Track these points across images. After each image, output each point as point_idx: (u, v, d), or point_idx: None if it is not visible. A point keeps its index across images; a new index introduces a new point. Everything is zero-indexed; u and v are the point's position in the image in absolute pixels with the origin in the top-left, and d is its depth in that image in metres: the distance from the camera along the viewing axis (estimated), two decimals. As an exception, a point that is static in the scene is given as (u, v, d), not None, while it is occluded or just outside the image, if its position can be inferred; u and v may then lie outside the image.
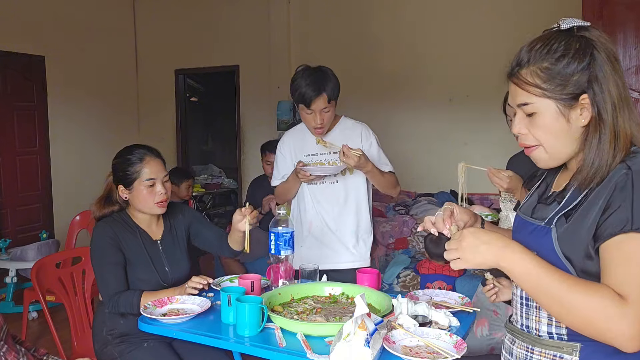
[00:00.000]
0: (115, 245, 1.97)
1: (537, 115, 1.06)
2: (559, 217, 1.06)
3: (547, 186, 1.20)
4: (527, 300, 1.14)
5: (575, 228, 1.02)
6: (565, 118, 1.04)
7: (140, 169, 1.99)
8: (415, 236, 4.50)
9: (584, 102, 1.03)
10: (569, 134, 1.05)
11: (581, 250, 1.01)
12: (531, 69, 1.05)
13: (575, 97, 1.03)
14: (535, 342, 1.11)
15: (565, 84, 1.02)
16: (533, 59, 1.05)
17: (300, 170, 2.30)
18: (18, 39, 5.19)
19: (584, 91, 1.02)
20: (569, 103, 1.03)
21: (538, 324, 1.11)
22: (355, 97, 4.94)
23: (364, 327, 1.31)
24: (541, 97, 1.04)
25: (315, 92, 2.24)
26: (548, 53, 1.03)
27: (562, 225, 1.05)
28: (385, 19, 5.31)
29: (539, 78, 1.04)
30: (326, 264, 2.30)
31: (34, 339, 3.62)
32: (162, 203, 2.03)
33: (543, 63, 1.04)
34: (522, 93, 1.07)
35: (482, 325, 2.08)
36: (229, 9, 6.01)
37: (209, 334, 1.65)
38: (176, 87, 6.50)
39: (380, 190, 2.48)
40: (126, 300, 1.91)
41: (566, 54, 1.02)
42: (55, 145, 5.62)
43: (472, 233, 1.06)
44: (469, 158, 5.43)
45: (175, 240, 2.15)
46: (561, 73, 1.02)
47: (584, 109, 1.03)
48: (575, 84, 1.02)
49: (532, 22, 4.57)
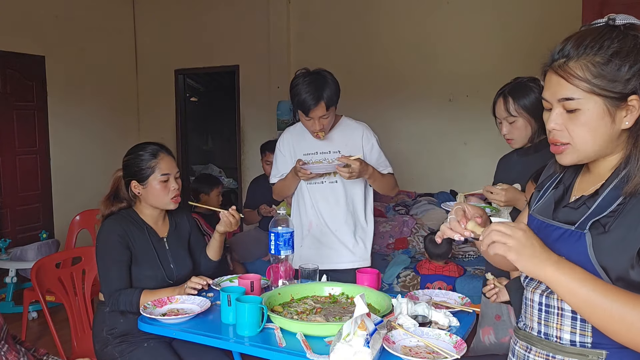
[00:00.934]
0: (122, 242, 1.99)
1: (581, 112, 1.01)
2: (593, 222, 1.01)
3: (565, 189, 1.15)
4: (547, 307, 1.09)
5: (620, 236, 0.97)
6: (611, 117, 1.00)
7: (155, 165, 2.03)
8: (415, 236, 4.50)
9: (631, 104, 0.99)
10: (609, 134, 1.01)
11: (625, 260, 0.97)
12: (582, 62, 0.99)
13: (623, 97, 0.98)
14: (557, 350, 1.06)
15: (617, 81, 0.98)
16: (584, 53, 1.00)
17: (300, 168, 2.30)
18: (18, 39, 5.19)
19: (634, 92, 0.98)
20: (616, 102, 0.99)
21: (560, 331, 1.06)
22: (355, 97, 4.93)
23: (364, 327, 1.31)
24: (589, 93, 0.99)
25: (314, 101, 2.23)
26: (601, 49, 0.99)
27: (598, 231, 1.00)
28: (385, 19, 5.30)
29: (589, 72, 0.99)
30: (326, 264, 2.30)
31: (34, 339, 3.62)
32: (176, 198, 2.07)
33: (595, 57, 0.99)
34: (567, 87, 1.01)
35: (488, 334, 2.08)
36: (229, 9, 6.01)
37: (208, 334, 1.65)
38: (176, 87, 6.50)
39: (380, 192, 2.49)
40: (126, 298, 1.92)
41: (620, 52, 0.97)
42: (55, 145, 5.62)
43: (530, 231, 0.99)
44: (468, 158, 5.44)
45: (180, 239, 2.18)
46: (614, 70, 0.98)
47: (629, 111, 0.99)
48: (626, 84, 0.98)
49: (532, 22, 4.60)
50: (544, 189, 1.21)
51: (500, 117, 2.02)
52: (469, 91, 5.01)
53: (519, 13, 4.73)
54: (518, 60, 4.29)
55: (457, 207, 1.13)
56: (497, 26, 4.84)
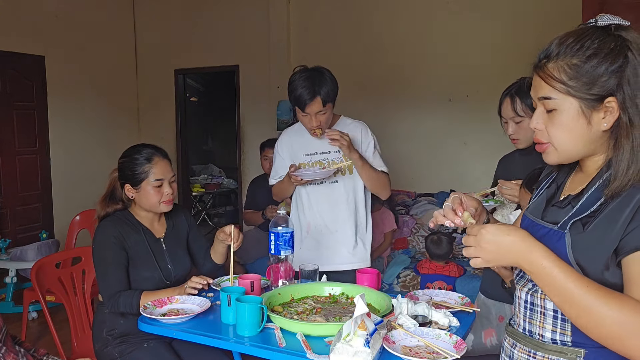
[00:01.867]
0: (118, 244, 1.97)
1: (557, 113, 1.02)
2: (574, 222, 1.02)
3: (557, 188, 1.16)
4: (531, 305, 1.11)
5: (596, 237, 0.98)
6: (587, 119, 1.00)
7: (149, 169, 2.00)
8: (415, 236, 4.51)
9: (609, 105, 0.98)
10: (586, 135, 1.02)
11: (600, 260, 0.97)
12: (559, 63, 1.00)
13: (600, 98, 0.98)
14: (538, 347, 1.08)
15: (593, 83, 0.98)
16: (563, 54, 1.00)
17: (291, 175, 2.29)
18: (18, 39, 5.19)
19: (611, 94, 0.98)
20: (592, 104, 0.99)
21: (542, 329, 1.08)
22: (355, 97, 4.93)
23: (364, 327, 1.31)
24: (565, 94, 1.00)
25: (310, 95, 2.23)
26: (580, 49, 0.99)
27: (577, 231, 1.01)
28: (386, 19, 5.30)
29: (565, 74, 1.00)
30: (325, 265, 2.29)
31: (34, 339, 3.62)
32: (168, 202, 2.05)
33: (572, 59, 0.99)
34: (545, 87, 1.03)
35: (491, 336, 2.07)
36: (229, 9, 6.01)
37: (208, 334, 1.65)
38: (176, 87, 6.50)
39: (370, 187, 2.44)
40: (126, 300, 1.91)
41: (598, 53, 0.97)
42: (55, 145, 5.62)
43: (492, 234, 1.00)
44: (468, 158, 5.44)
45: (178, 239, 2.17)
46: (590, 72, 0.98)
47: (607, 113, 0.99)
48: (603, 86, 0.97)
49: (532, 23, 4.59)
50: (540, 188, 1.22)
51: (506, 117, 2.00)
52: (469, 91, 5.01)
53: (520, 13, 4.73)
54: (518, 60, 4.27)
55: (454, 195, 1.16)
56: (497, 26, 4.84)
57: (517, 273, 1.19)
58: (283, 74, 5.39)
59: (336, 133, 2.23)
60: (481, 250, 1.02)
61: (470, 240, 1.03)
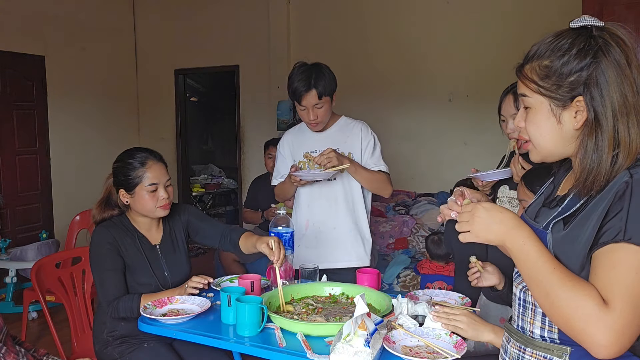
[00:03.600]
0: (114, 250, 1.95)
1: (531, 111, 1.07)
2: (556, 222, 1.05)
3: (553, 189, 1.18)
4: (524, 302, 1.13)
5: (573, 236, 1.00)
6: (556, 118, 1.03)
7: (143, 174, 1.95)
8: (415, 236, 4.50)
9: (578, 105, 1.01)
10: (558, 134, 1.05)
11: (577, 259, 0.99)
12: (533, 64, 1.05)
13: (570, 98, 1.01)
14: (527, 343, 1.10)
15: (561, 83, 1.01)
16: (537, 55, 1.05)
17: (291, 175, 2.29)
18: (18, 39, 5.19)
19: (579, 93, 1.00)
20: (562, 103, 1.02)
21: (532, 326, 1.10)
22: (355, 97, 4.93)
23: (364, 327, 1.31)
24: (536, 94, 1.05)
25: (305, 87, 2.24)
26: (553, 50, 1.02)
27: (558, 231, 1.04)
28: (386, 19, 5.30)
29: (536, 75, 1.04)
30: (324, 264, 2.28)
31: (34, 339, 3.62)
32: (164, 207, 2.00)
33: (544, 61, 1.03)
34: (522, 86, 1.08)
35: None
36: (229, 9, 6.01)
37: (209, 334, 1.65)
38: (176, 87, 6.50)
39: (369, 188, 2.43)
40: (125, 305, 1.90)
41: (567, 53, 1.00)
42: (55, 145, 5.62)
43: (487, 209, 1.05)
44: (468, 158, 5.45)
45: (175, 243, 2.13)
46: (558, 72, 1.01)
47: (578, 112, 1.01)
48: (571, 85, 1.00)
49: (532, 22, 4.59)
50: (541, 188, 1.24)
51: (507, 114, 1.99)
52: (469, 91, 5.02)
53: (520, 13, 4.73)
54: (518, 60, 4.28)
55: (457, 189, 1.18)
56: (497, 26, 4.84)
57: (516, 271, 1.20)
58: (283, 74, 5.37)
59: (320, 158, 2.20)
60: (472, 224, 1.05)
61: (464, 215, 1.08)
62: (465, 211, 1.08)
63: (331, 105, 2.35)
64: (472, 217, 1.06)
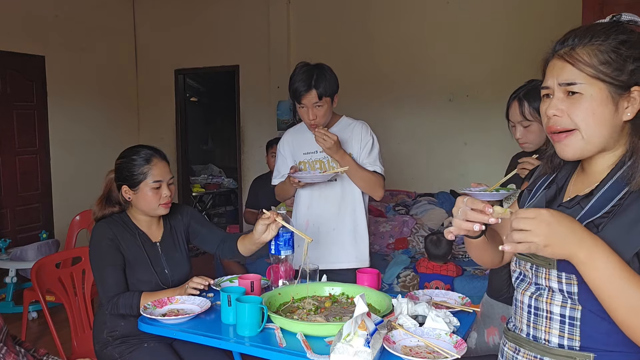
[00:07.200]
0: (114, 246, 1.95)
1: (583, 97, 1.01)
2: (587, 223, 0.99)
3: (559, 189, 1.14)
4: (535, 310, 1.09)
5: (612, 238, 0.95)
6: (614, 105, 1.00)
7: (148, 171, 1.97)
8: (415, 236, 4.51)
9: (634, 95, 0.99)
10: (611, 122, 1.01)
11: None
12: (589, 48, 1.00)
13: (627, 87, 0.99)
14: (545, 352, 1.06)
15: (622, 70, 0.99)
16: (591, 40, 1.01)
17: (290, 176, 2.29)
18: (18, 39, 5.19)
19: (636, 83, 0.99)
20: (620, 91, 0.99)
21: (548, 334, 1.06)
22: (355, 97, 4.93)
23: (364, 327, 1.31)
24: (593, 78, 1.00)
25: (305, 87, 2.24)
26: (608, 38, 1.00)
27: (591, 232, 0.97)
28: (386, 19, 5.30)
29: (596, 58, 1.00)
30: (323, 264, 2.27)
31: (34, 339, 3.62)
32: (166, 204, 2.01)
33: (602, 46, 1.00)
34: (572, 71, 1.01)
35: (493, 335, 2.07)
36: (229, 9, 6.01)
37: (209, 334, 1.65)
38: (176, 87, 6.50)
39: (361, 188, 2.41)
40: (125, 301, 1.90)
41: (627, 42, 0.99)
42: (55, 145, 5.61)
43: (554, 216, 0.92)
44: (468, 158, 5.45)
45: (175, 241, 2.13)
46: (621, 58, 0.99)
47: (631, 103, 1.00)
48: (631, 74, 0.99)
49: (532, 22, 4.60)
50: (535, 189, 1.20)
51: (514, 120, 1.97)
52: (469, 91, 5.02)
53: (520, 13, 4.73)
54: (518, 60, 4.29)
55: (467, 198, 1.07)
56: (497, 26, 4.84)
57: (517, 276, 1.17)
58: (283, 74, 5.39)
59: (322, 132, 2.21)
60: (538, 234, 0.92)
61: (526, 223, 0.93)
62: (524, 217, 0.93)
63: (331, 106, 2.35)
64: (538, 225, 0.92)
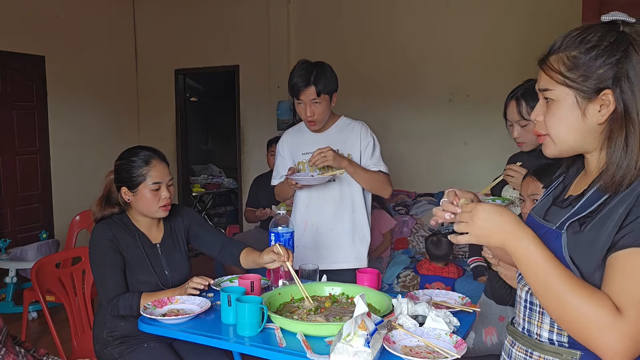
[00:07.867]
0: (114, 247, 1.95)
1: (554, 103, 1.04)
2: (571, 222, 1.02)
3: (563, 188, 1.16)
4: (530, 304, 1.11)
5: (591, 237, 0.98)
6: (581, 111, 1.01)
7: (147, 172, 1.96)
8: (415, 236, 4.51)
9: (604, 98, 0.99)
10: (579, 127, 1.03)
11: (593, 260, 0.97)
12: (559, 55, 1.03)
13: (596, 91, 1.00)
14: (535, 347, 1.09)
15: (589, 75, 0.99)
16: (564, 46, 1.03)
17: (288, 178, 2.29)
18: (18, 39, 5.19)
19: (607, 87, 0.99)
20: (588, 96, 1.00)
21: (540, 329, 1.08)
22: (355, 97, 4.94)
23: (364, 327, 1.31)
24: (562, 85, 1.02)
25: (304, 82, 2.24)
26: (581, 43, 1.01)
27: (574, 231, 1.01)
28: (386, 19, 5.30)
29: (564, 66, 1.02)
30: (322, 264, 2.27)
31: (34, 339, 3.62)
32: (166, 207, 2.01)
33: (572, 52, 1.01)
34: (544, 78, 1.06)
35: (491, 334, 2.07)
36: (229, 9, 6.01)
37: (209, 334, 1.65)
38: (176, 87, 6.50)
39: (368, 189, 2.43)
40: (125, 302, 1.90)
41: (597, 46, 0.99)
42: (55, 145, 5.62)
43: (487, 210, 1.01)
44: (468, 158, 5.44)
45: (175, 243, 2.13)
46: (587, 64, 0.99)
47: (603, 106, 1.00)
48: (599, 78, 0.99)
49: (532, 23, 4.60)
50: (549, 188, 1.23)
51: (512, 120, 1.98)
52: (469, 91, 5.02)
53: (520, 13, 4.73)
54: (518, 60, 4.29)
55: (449, 190, 1.16)
56: (497, 26, 4.84)
57: (519, 273, 1.19)
58: (283, 74, 5.39)
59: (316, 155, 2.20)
60: (472, 226, 1.02)
61: (464, 215, 1.04)
62: (465, 211, 1.04)
63: (330, 105, 2.34)
64: (472, 218, 1.02)
